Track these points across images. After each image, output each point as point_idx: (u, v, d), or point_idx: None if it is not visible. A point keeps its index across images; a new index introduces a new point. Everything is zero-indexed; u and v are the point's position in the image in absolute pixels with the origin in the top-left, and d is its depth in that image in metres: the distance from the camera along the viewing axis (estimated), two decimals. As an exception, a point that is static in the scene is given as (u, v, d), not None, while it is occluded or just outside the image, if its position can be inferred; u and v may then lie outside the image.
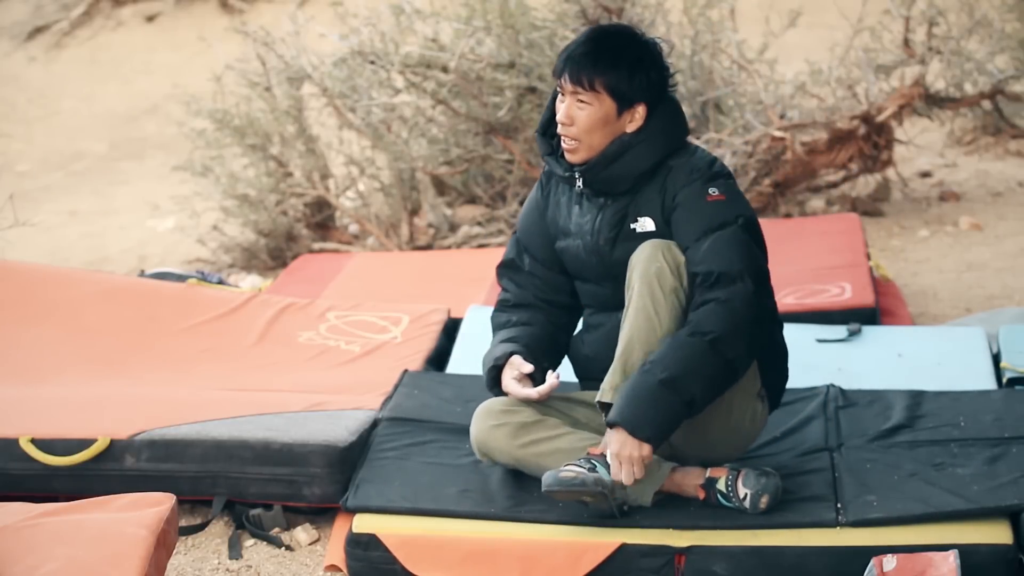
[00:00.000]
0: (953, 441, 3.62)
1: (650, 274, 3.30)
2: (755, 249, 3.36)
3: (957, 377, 4.08)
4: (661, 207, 3.38)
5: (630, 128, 3.37)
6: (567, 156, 3.42)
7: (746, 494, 3.32)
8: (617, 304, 3.43)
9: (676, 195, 3.37)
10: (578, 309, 3.61)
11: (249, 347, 4.52)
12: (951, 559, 3.02)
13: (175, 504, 3.14)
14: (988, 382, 4.07)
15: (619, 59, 3.33)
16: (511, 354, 3.46)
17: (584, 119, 3.36)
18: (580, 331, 3.62)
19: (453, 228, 6.30)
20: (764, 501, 3.31)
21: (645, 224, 3.40)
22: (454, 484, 3.52)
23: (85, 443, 3.70)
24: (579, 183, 3.43)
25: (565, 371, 3.58)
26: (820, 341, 4.40)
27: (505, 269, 3.63)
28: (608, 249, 3.43)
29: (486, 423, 3.47)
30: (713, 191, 3.35)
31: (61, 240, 7.33)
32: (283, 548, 3.62)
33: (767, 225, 5.71)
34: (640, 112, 3.37)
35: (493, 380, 3.49)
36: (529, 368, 3.44)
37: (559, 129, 3.40)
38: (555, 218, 3.54)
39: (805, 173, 6.20)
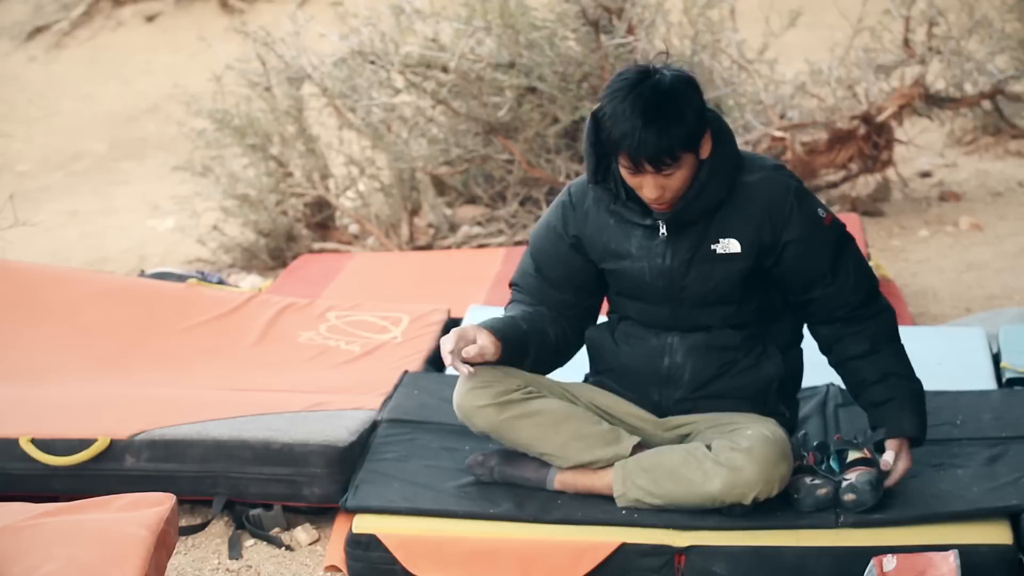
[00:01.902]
0: (953, 441, 3.62)
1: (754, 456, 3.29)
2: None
3: (957, 377, 4.08)
4: (756, 230, 3.32)
5: (704, 156, 3.29)
6: (657, 211, 3.33)
7: (850, 482, 3.31)
8: (670, 325, 3.43)
9: (786, 225, 3.32)
10: (582, 328, 3.57)
11: (249, 347, 4.52)
12: (951, 559, 3.02)
13: (175, 504, 3.14)
14: (988, 382, 4.07)
15: (680, 116, 3.20)
16: (493, 327, 3.40)
17: (676, 183, 3.26)
18: (613, 336, 3.54)
19: (453, 228, 6.30)
20: (851, 498, 3.30)
21: (729, 246, 3.34)
22: (454, 484, 3.52)
23: (85, 443, 3.70)
24: (663, 228, 3.35)
25: (560, 373, 3.58)
26: (820, 341, 4.39)
27: (517, 287, 3.58)
28: (683, 271, 3.36)
29: (467, 386, 3.45)
30: (821, 212, 3.36)
31: (61, 240, 7.33)
32: (283, 548, 3.62)
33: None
34: (707, 139, 3.28)
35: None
36: (483, 341, 3.35)
37: (650, 203, 3.31)
38: (602, 241, 3.43)
39: (805, 173, 6.20)
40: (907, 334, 4.48)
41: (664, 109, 3.18)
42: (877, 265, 5.17)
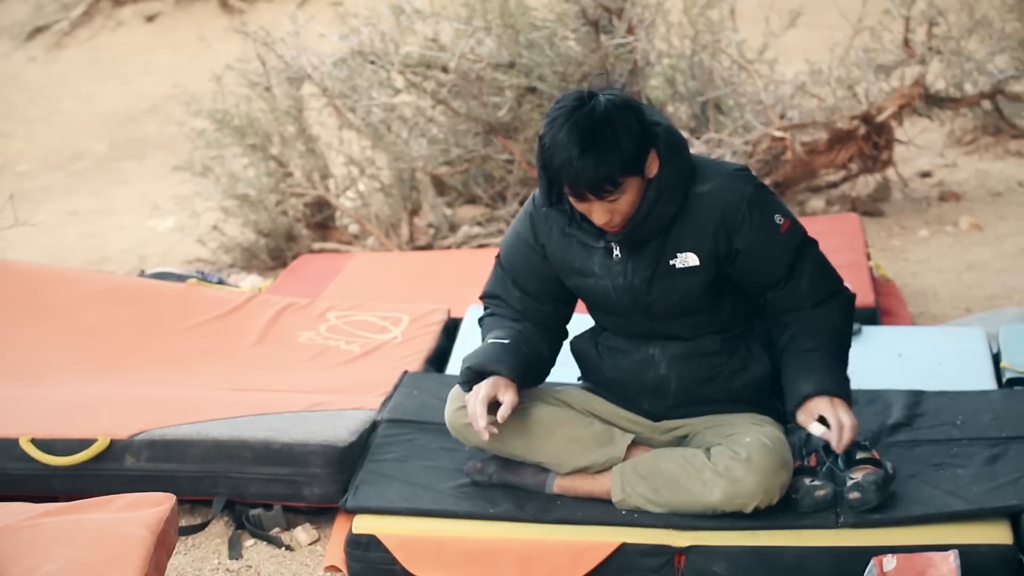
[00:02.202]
0: (952, 441, 3.62)
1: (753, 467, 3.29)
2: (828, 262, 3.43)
3: (957, 377, 4.08)
4: (712, 240, 3.29)
5: (651, 175, 3.25)
6: (609, 233, 3.31)
7: (856, 480, 3.31)
8: (647, 335, 3.42)
9: (738, 231, 3.28)
10: (564, 336, 3.56)
11: (249, 347, 4.52)
12: (951, 559, 3.02)
13: (175, 504, 3.14)
14: (988, 382, 4.07)
15: (616, 143, 3.15)
16: (503, 367, 3.37)
17: (624, 207, 3.23)
18: (596, 347, 3.53)
19: (453, 228, 6.30)
20: (855, 496, 3.30)
21: (687, 259, 3.31)
22: (454, 485, 3.52)
23: (85, 443, 3.70)
24: (616, 250, 3.34)
25: (553, 374, 3.58)
26: (820, 341, 4.39)
27: (491, 300, 3.54)
28: (645, 288, 3.35)
29: (456, 405, 3.48)
30: (778, 219, 3.30)
31: (61, 240, 7.33)
32: (283, 548, 3.62)
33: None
34: (653, 158, 3.24)
35: (468, 382, 3.40)
36: (510, 399, 3.33)
37: (601, 226, 3.28)
38: (564, 259, 3.41)
39: (805, 173, 6.20)
40: (907, 334, 4.52)
41: (599, 137, 3.14)
42: (877, 265, 5.17)
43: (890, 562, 3.05)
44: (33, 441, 3.71)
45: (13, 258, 5.07)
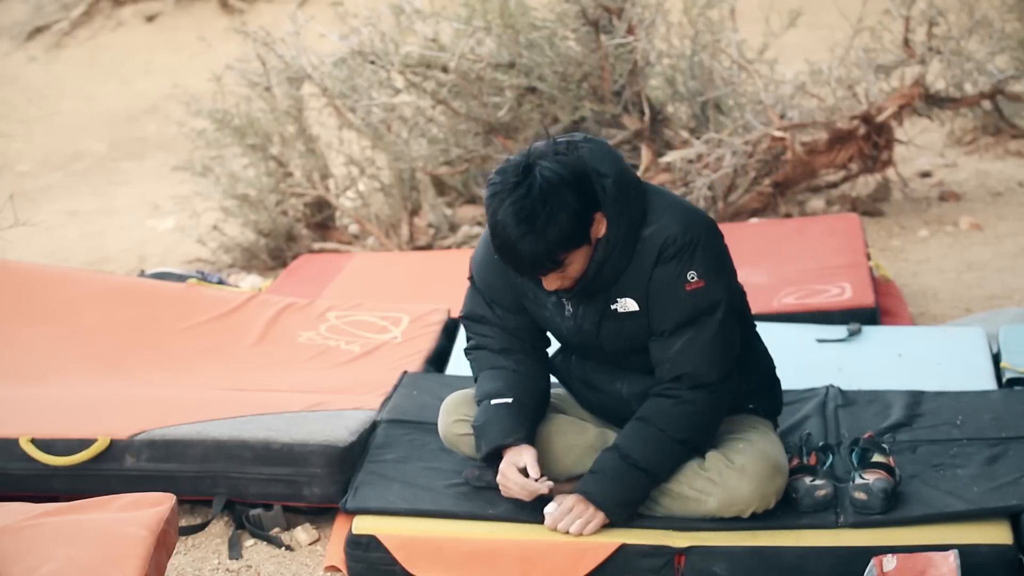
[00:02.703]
0: (953, 441, 3.62)
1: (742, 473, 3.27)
2: (730, 344, 3.28)
3: (957, 377, 4.08)
4: (645, 286, 3.25)
5: (598, 236, 3.20)
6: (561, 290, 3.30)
7: (866, 482, 3.30)
8: (611, 366, 3.40)
9: (651, 275, 3.23)
10: (550, 342, 3.56)
11: (249, 347, 4.52)
12: (951, 559, 3.02)
13: (175, 504, 3.14)
14: (988, 382, 4.07)
15: (554, 221, 3.09)
16: (516, 438, 3.35)
17: (573, 272, 3.21)
18: (569, 374, 3.54)
19: (453, 228, 6.30)
20: (861, 497, 3.29)
21: (627, 304, 3.27)
22: (453, 485, 3.52)
23: (85, 443, 3.70)
24: (568, 305, 3.33)
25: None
26: (820, 341, 4.40)
27: (472, 322, 3.51)
28: (594, 332, 3.34)
29: (451, 418, 3.51)
30: (692, 276, 3.20)
31: (61, 240, 7.33)
32: (283, 548, 3.62)
33: (767, 225, 5.77)
34: (599, 220, 3.18)
35: (491, 458, 3.39)
36: (534, 468, 3.33)
37: (553, 290, 3.27)
38: (522, 289, 3.40)
39: (805, 173, 6.20)
40: (907, 334, 4.52)
41: (536, 219, 3.09)
42: (877, 265, 5.17)
43: (890, 562, 3.05)
44: (33, 441, 3.71)
45: (13, 258, 5.07)
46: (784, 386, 3.68)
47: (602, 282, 3.26)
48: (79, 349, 4.45)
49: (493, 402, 3.39)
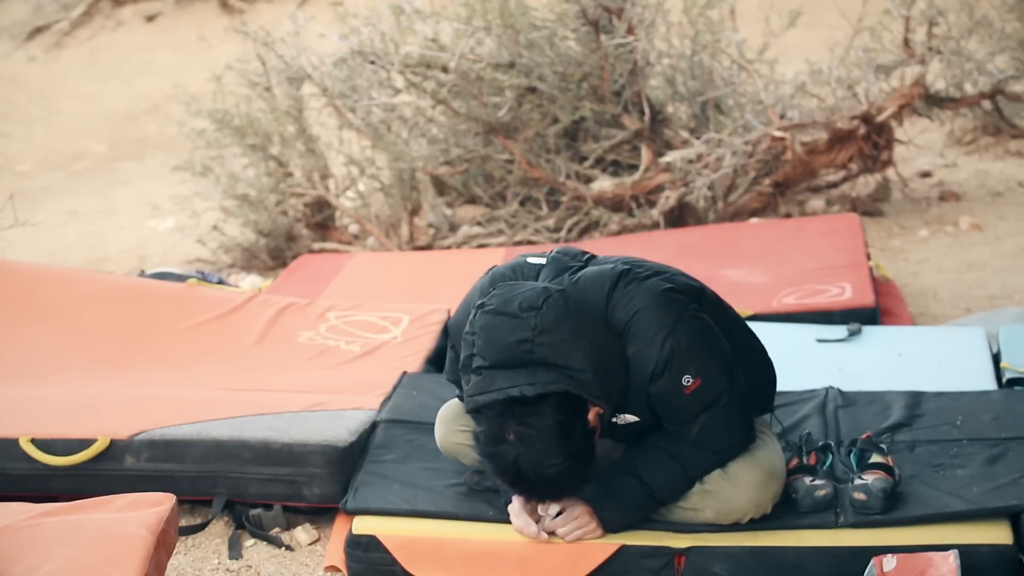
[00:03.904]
0: (952, 442, 3.62)
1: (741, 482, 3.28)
2: (746, 412, 3.31)
3: (957, 377, 4.08)
4: (644, 401, 3.24)
5: (598, 415, 3.18)
6: None
7: (865, 483, 3.30)
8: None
9: (649, 391, 3.22)
10: None
11: (249, 347, 4.52)
12: (951, 559, 3.02)
13: (175, 504, 3.14)
14: (988, 382, 4.07)
15: (548, 480, 3.12)
16: None
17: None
18: None
19: (453, 228, 6.30)
20: (861, 497, 3.29)
21: (627, 417, 3.28)
22: (453, 486, 3.51)
23: (85, 443, 3.70)
24: None
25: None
26: (820, 341, 4.40)
27: (458, 385, 3.45)
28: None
29: (450, 428, 3.51)
30: (687, 380, 3.19)
31: (61, 240, 7.33)
32: (283, 548, 3.62)
33: (767, 225, 5.77)
34: (591, 412, 3.16)
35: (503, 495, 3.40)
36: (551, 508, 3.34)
37: None
38: None
39: (805, 173, 6.20)
40: (907, 334, 4.52)
41: (537, 486, 3.15)
42: (877, 265, 5.17)
43: (890, 562, 3.05)
44: (33, 441, 3.71)
45: (13, 258, 5.07)
46: (784, 386, 3.68)
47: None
48: (79, 349, 4.46)
49: None
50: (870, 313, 4.60)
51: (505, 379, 3.07)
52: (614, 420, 3.27)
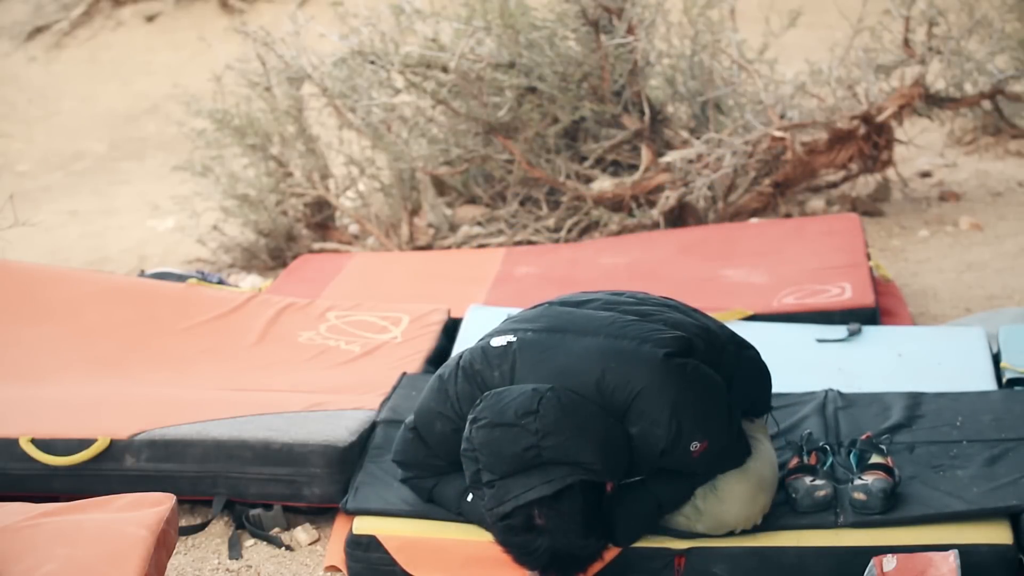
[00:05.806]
0: (952, 442, 3.62)
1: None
2: (739, 449, 3.33)
3: (957, 377, 4.08)
4: (654, 469, 3.27)
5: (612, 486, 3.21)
6: None
7: (865, 483, 3.31)
8: None
9: (659, 462, 3.23)
10: None
11: (249, 347, 4.52)
12: (951, 559, 3.02)
13: (175, 504, 3.14)
14: (988, 382, 4.06)
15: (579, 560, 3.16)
16: None
17: None
18: None
19: (453, 228, 6.30)
20: (861, 498, 3.30)
21: (632, 477, 3.28)
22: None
23: (85, 443, 3.70)
24: None
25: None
26: (820, 341, 4.40)
27: (407, 466, 3.48)
28: None
29: None
30: (694, 446, 3.20)
31: (61, 240, 7.33)
32: (283, 548, 3.62)
33: (767, 225, 5.77)
34: (607, 490, 3.17)
35: None
36: None
37: None
38: None
39: (805, 173, 6.19)
40: (907, 334, 4.52)
41: (572, 568, 3.16)
42: (877, 265, 5.17)
43: (890, 562, 3.05)
44: (33, 441, 3.71)
45: (13, 258, 5.07)
46: (784, 387, 3.68)
47: None
48: (79, 349, 4.46)
49: None
50: (870, 313, 4.60)
51: (520, 484, 3.06)
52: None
